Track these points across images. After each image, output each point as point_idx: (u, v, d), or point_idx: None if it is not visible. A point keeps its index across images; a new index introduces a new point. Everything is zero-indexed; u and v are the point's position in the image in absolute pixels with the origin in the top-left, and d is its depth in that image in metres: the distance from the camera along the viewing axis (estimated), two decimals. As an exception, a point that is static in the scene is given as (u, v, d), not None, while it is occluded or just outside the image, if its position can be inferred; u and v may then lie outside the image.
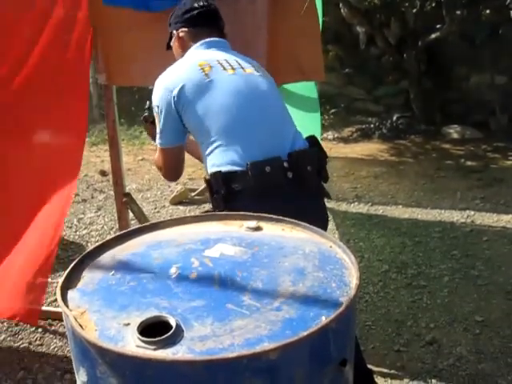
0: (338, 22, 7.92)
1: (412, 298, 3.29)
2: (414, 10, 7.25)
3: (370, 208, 4.79)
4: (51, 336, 3.13)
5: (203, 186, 5.12)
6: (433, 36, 7.18)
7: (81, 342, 1.14)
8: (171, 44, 2.31)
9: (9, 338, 3.14)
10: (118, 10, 2.62)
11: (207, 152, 2.00)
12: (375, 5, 7.41)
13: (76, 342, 1.17)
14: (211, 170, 1.98)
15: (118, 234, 1.59)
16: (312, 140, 2.13)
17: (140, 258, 1.42)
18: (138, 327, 1.11)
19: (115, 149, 2.83)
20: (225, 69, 2.05)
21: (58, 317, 3.28)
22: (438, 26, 7.18)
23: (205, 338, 1.08)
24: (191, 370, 1.03)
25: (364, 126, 7.51)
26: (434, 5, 7.15)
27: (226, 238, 1.49)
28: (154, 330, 1.12)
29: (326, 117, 7.64)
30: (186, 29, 2.21)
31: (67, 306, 1.22)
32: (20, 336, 3.15)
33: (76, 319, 1.17)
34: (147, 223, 1.65)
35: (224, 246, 1.44)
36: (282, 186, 1.94)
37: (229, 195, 1.93)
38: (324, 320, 1.13)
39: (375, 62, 8.06)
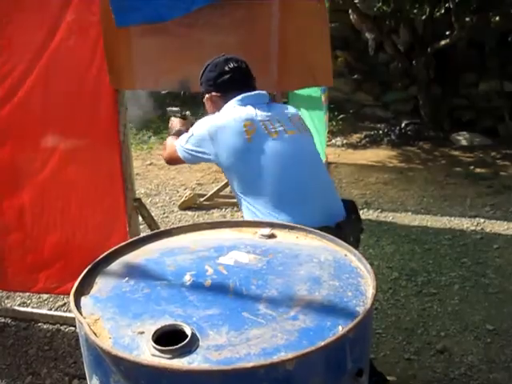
0: (347, 28, 7.92)
1: (422, 305, 3.26)
2: (423, 17, 7.23)
3: (379, 214, 4.76)
4: (60, 341, 3.12)
5: (212, 191, 5.12)
6: (442, 43, 7.16)
7: (94, 350, 1.13)
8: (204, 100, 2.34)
9: (17, 343, 3.13)
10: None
11: (247, 207, 2.04)
12: (384, 11, 7.39)
13: (89, 349, 1.16)
14: None
15: (130, 240, 1.58)
16: (350, 205, 2.18)
17: (153, 265, 1.41)
18: (153, 336, 1.10)
19: (125, 153, 2.82)
20: (269, 132, 2.07)
21: (66, 321, 3.27)
22: (447, 33, 7.16)
23: (221, 347, 1.07)
24: (207, 379, 1.01)
25: (373, 132, 7.48)
26: (443, 11, 7.13)
27: (240, 246, 1.48)
28: (168, 338, 1.11)
29: (335, 123, 7.62)
30: (218, 94, 2.22)
31: (81, 313, 1.21)
32: (28, 340, 3.14)
33: (90, 327, 1.15)
34: (160, 230, 1.64)
35: (238, 254, 1.42)
36: None
37: None
38: (341, 330, 1.11)
39: (384, 69, 8.04)
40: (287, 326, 1.13)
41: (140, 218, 3.04)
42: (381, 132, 7.47)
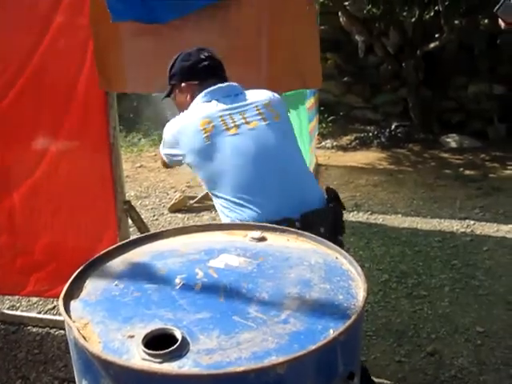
0: (337, 31, 7.94)
1: (413, 307, 3.27)
2: (413, 20, 7.26)
3: (369, 217, 4.77)
4: (49, 344, 3.10)
5: (202, 193, 5.11)
6: (431, 45, 7.20)
7: (84, 354, 1.12)
8: (172, 95, 2.29)
9: (6, 346, 3.11)
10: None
11: (218, 205, 2.04)
12: (374, 14, 7.42)
13: (79, 353, 1.15)
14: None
15: (120, 243, 1.57)
16: (330, 193, 2.10)
17: (144, 269, 1.40)
18: (143, 340, 1.09)
19: (115, 155, 2.81)
20: (228, 128, 2.03)
21: (56, 324, 3.25)
22: (436, 36, 7.19)
23: (211, 351, 1.06)
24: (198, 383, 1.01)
25: (363, 135, 7.50)
26: (432, 14, 7.17)
27: (231, 249, 1.47)
28: (158, 342, 1.10)
29: (325, 125, 7.64)
30: (195, 82, 2.18)
31: (70, 317, 1.20)
32: (18, 344, 3.12)
33: (79, 331, 1.14)
34: (150, 232, 1.63)
35: (228, 257, 1.42)
36: None
37: None
38: (332, 333, 1.11)
39: (374, 71, 8.07)
40: (278, 330, 1.13)
41: (130, 221, 3.03)
42: (371, 134, 7.49)
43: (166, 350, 1.05)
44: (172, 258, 1.44)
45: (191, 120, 2.08)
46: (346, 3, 7.30)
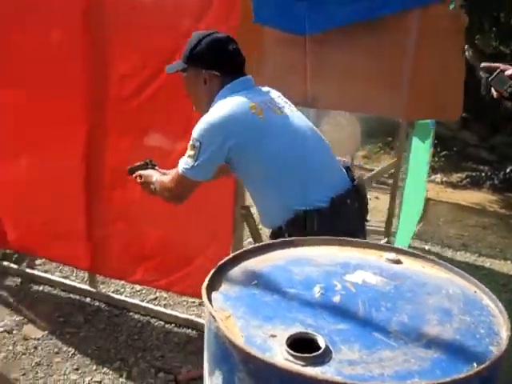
0: (461, 65, 7.75)
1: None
2: (544, 62, 6.96)
3: (477, 259, 4.60)
4: (149, 333, 3.22)
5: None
6: (561, 90, 6.86)
7: (223, 345, 1.15)
8: (185, 74, 2.22)
9: (109, 328, 3.25)
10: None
11: (277, 193, 2.07)
12: (502, 51, 7.19)
13: (218, 344, 1.18)
14: (299, 208, 2.03)
15: (253, 246, 1.61)
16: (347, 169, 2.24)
17: (281, 272, 1.42)
18: (287, 340, 1.11)
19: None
20: (274, 110, 2.08)
21: (157, 315, 3.36)
22: None
23: (353, 363, 1.07)
24: (341, 392, 1.01)
25: (475, 174, 7.26)
26: None
27: (366, 266, 1.47)
28: (298, 345, 1.11)
29: (437, 159, 7.46)
30: (218, 73, 2.12)
31: (212, 307, 1.24)
32: (119, 328, 3.25)
33: (222, 321, 1.18)
34: (288, 239, 1.65)
35: (365, 274, 1.41)
36: (351, 213, 2.10)
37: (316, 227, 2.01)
38: (476, 367, 1.08)
39: (494, 110, 7.79)
40: (419, 353, 1.11)
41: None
42: (483, 174, 7.24)
43: (311, 355, 1.06)
44: (309, 266, 1.45)
45: (237, 106, 2.03)
46: (476, 37, 7.12)
